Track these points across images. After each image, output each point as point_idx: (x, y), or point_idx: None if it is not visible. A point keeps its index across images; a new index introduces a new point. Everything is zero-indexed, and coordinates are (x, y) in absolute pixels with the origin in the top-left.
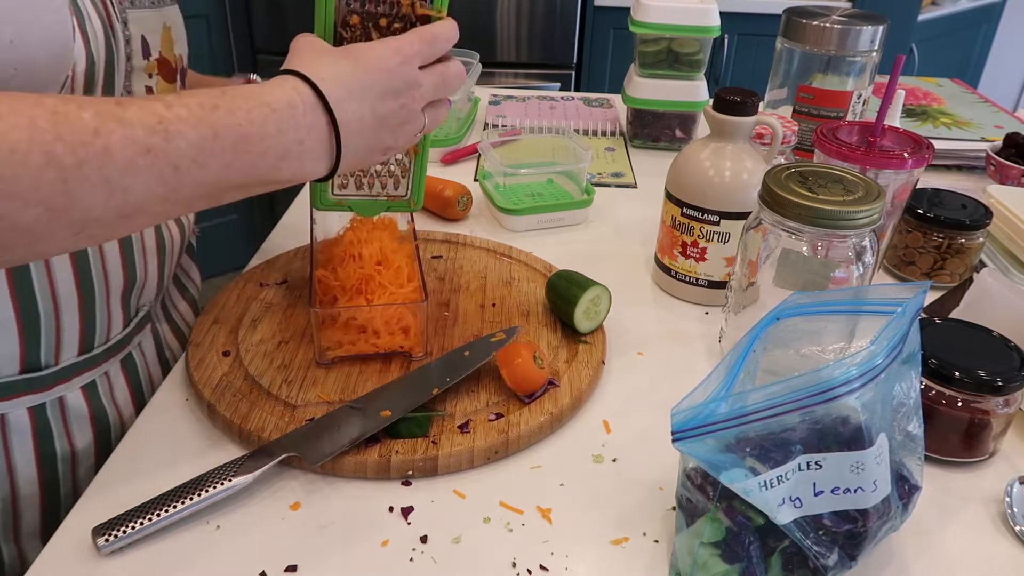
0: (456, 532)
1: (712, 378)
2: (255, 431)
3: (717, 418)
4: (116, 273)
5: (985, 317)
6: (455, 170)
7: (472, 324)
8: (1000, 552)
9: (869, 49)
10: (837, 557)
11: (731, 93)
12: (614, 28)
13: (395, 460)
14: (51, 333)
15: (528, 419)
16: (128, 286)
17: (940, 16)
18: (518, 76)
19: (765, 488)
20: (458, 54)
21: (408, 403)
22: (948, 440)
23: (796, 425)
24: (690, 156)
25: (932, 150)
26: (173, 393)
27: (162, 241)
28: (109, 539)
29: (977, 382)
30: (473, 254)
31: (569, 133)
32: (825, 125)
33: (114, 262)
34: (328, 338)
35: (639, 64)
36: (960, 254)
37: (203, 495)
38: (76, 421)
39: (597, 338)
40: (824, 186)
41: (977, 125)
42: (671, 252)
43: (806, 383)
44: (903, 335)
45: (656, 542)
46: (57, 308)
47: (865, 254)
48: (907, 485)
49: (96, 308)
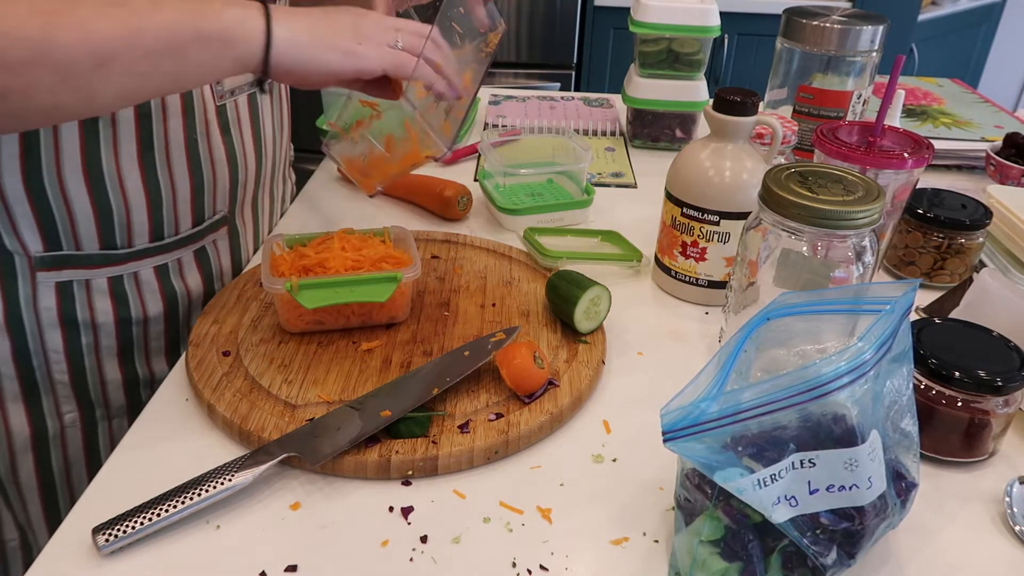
0: (456, 532)
1: (701, 378)
2: (255, 431)
3: (708, 417)
4: (183, 180)
5: (985, 317)
6: (455, 170)
7: (472, 324)
8: (1000, 552)
9: (869, 49)
10: (836, 555)
11: (731, 93)
12: (614, 28)
13: (395, 460)
14: (123, 224)
15: (528, 419)
16: (195, 193)
17: (940, 16)
18: (518, 76)
19: (759, 487)
20: None
21: (408, 403)
22: (948, 440)
23: (789, 423)
24: (690, 156)
25: (932, 150)
26: (173, 393)
27: (232, 154)
28: (109, 539)
29: (977, 382)
30: (473, 254)
31: (569, 133)
32: (825, 125)
33: (181, 170)
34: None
35: (639, 64)
36: (960, 254)
37: (203, 495)
38: (148, 292)
39: (597, 338)
40: (824, 186)
41: (977, 125)
42: (671, 252)
43: (795, 380)
44: (892, 332)
45: (656, 542)
46: (127, 203)
47: (865, 254)
48: (904, 482)
49: (164, 208)
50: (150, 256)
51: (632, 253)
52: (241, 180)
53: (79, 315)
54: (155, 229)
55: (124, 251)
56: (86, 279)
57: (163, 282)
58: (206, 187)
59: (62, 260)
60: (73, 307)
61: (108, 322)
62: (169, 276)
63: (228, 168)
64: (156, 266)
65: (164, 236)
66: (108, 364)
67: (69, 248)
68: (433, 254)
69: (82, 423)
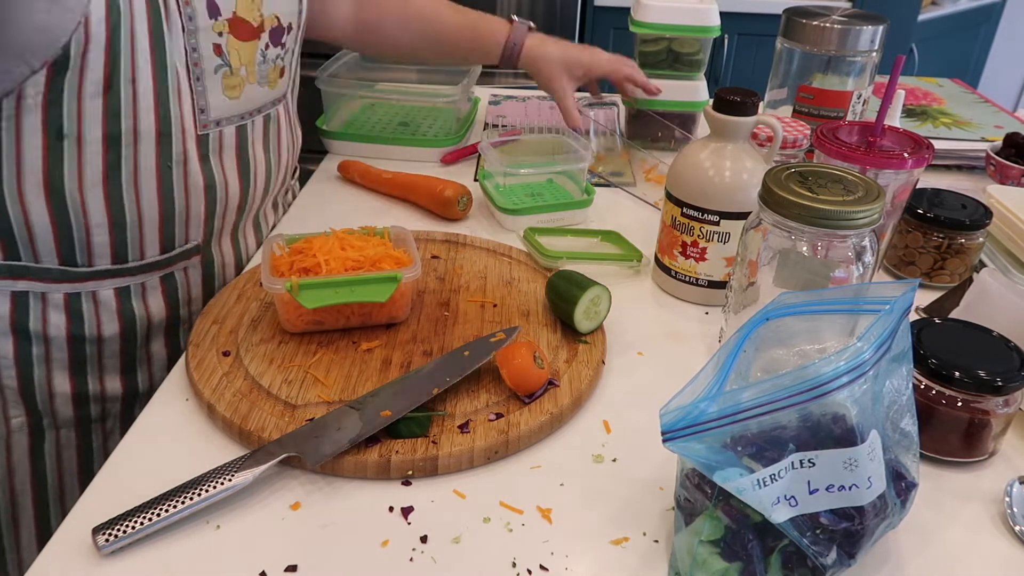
0: (456, 532)
1: (700, 378)
2: (255, 431)
3: (707, 417)
4: (151, 207)
5: (985, 317)
6: (455, 170)
7: (472, 324)
8: (999, 552)
9: (869, 49)
10: (835, 555)
11: (731, 93)
12: (614, 28)
13: (395, 460)
14: (83, 243)
15: (528, 419)
16: (164, 220)
17: (940, 16)
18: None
19: (759, 487)
20: None
21: (408, 403)
22: (948, 440)
23: (788, 423)
24: (690, 156)
25: (932, 150)
26: (173, 393)
27: (211, 183)
28: (109, 539)
29: (977, 382)
30: (473, 254)
31: (569, 133)
32: (825, 125)
33: (149, 196)
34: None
35: (639, 64)
36: (960, 254)
37: (203, 495)
38: (105, 312)
39: (597, 338)
40: (824, 186)
41: (977, 125)
42: (671, 252)
43: (794, 380)
44: (891, 332)
45: (656, 542)
46: (88, 224)
47: (865, 254)
48: (904, 482)
49: (128, 232)
50: (111, 277)
51: (632, 253)
52: (219, 211)
53: (31, 326)
54: (117, 252)
55: (84, 270)
56: (42, 292)
57: (122, 303)
58: (177, 215)
59: (20, 271)
60: (26, 317)
61: (60, 336)
62: (130, 298)
63: (205, 198)
64: (117, 287)
65: (128, 259)
66: (58, 377)
67: (28, 260)
68: (433, 254)
69: (29, 429)
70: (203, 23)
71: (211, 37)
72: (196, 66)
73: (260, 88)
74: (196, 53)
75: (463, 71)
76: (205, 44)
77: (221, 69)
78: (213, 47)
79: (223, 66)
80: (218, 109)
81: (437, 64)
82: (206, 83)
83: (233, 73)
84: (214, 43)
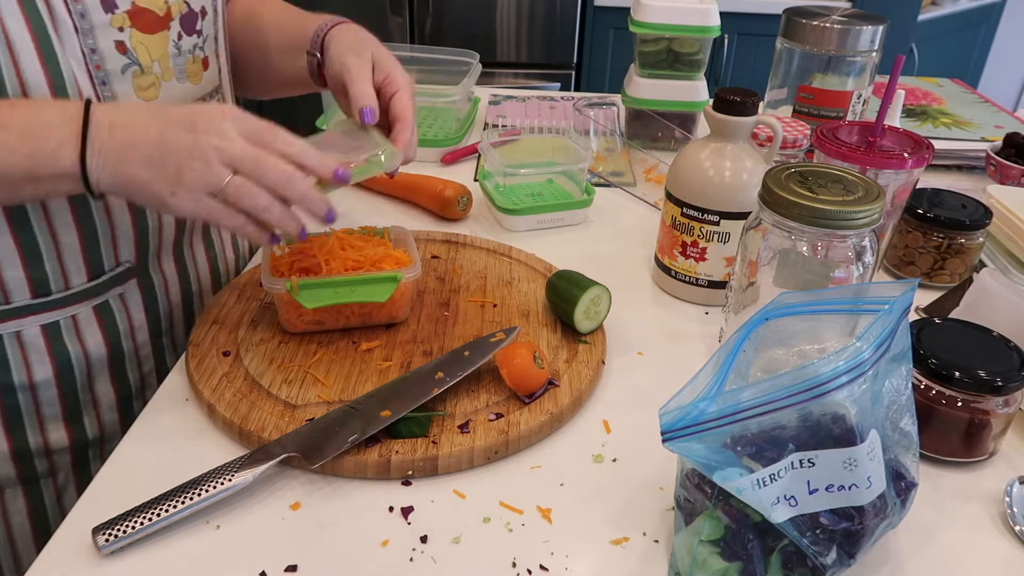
0: (456, 532)
1: (700, 378)
2: (255, 431)
3: (707, 417)
4: (68, 231)
5: (985, 317)
6: (455, 170)
7: (472, 324)
8: (999, 552)
9: (869, 49)
10: (835, 555)
11: (731, 93)
12: (614, 28)
13: (395, 460)
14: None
15: (528, 419)
16: (86, 244)
17: (940, 16)
18: (518, 76)
19: (758, 487)
20: (457, 55)
21: (408, 403)
22: (948, 440)
23: (788, 423)
24: (690, 156)
25: (932, 150)
26: (173, 393)
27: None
28: (109, 539)
29: (977, 382)
30: (473, 254)
31: (569, 133)
32: (825, 125)
33: (63, 220)
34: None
35: (639, 64)
36: (960, 254)
37: (203, 495)
38: (34, 354)
39: (597, 338)
40: (824, 186)
41: (977, 125)
42: (671, 252)
43: (794, 380)
44: (891, 332)
45: (656, 542)
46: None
47: (865, 254)
48: (903, 482)
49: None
50: (34, 314)
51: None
52: (152, 227)
53: None
54: (37, 285)
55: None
56: None
57: (52, 343)
58: (101, 236)
59: None
60: None
61: None
62: (61, 336)
63: (131, 215)
64: (44, 324)
65: (51, 291)
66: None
67: None
68: (433, 254)
69: None
70: (98, 19)
71: (111, 34)
72: (99, 68)
73: (181, 84)
74: (96, 54)
75: (463, 71)
76: (105, 42)
77: (130, 68)
78: (115, 45)
79: (131, 65)
80: None
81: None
82: (114, 87)
83: (145, 71)
84: (116, 40)
